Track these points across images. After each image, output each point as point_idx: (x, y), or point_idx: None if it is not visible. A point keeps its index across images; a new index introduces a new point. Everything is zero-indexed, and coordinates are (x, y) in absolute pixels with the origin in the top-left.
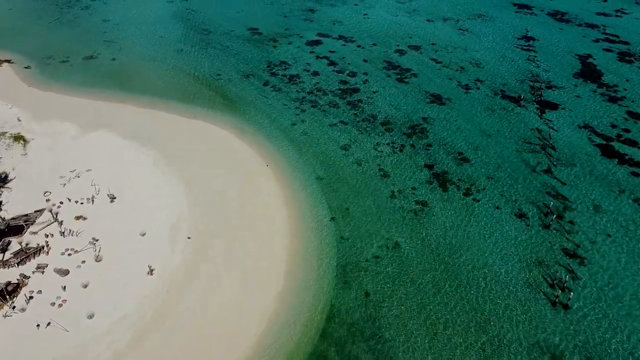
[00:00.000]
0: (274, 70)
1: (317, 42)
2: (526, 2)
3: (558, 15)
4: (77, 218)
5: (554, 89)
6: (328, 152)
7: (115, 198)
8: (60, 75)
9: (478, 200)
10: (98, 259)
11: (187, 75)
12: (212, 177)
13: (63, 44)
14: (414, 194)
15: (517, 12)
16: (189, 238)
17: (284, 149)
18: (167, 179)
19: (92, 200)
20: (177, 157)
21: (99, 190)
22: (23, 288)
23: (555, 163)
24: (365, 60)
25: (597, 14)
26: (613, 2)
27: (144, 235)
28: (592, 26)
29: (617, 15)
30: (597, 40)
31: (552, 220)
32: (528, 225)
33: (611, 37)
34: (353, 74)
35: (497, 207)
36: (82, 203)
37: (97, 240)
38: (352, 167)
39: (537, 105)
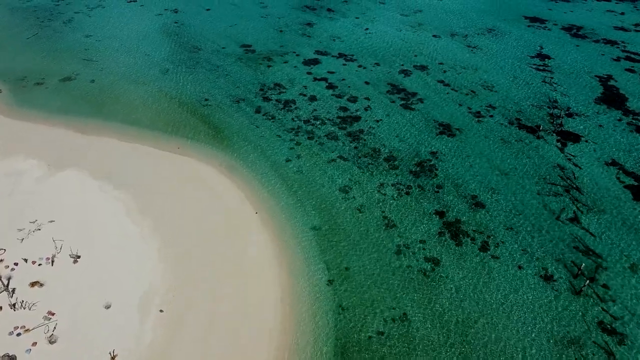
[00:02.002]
0: (267, 95)
1: (315, 61)
2: (539, 16)
3: (573, 30)
4: (33, 285)
5: (574, 116)
6: (325, 195)
7: (79, 257)
8: (32, 100)
9: (497, 257)
10: (52, 341)
11: (171, 101)
12: (192, 229)
13: (39, 63)
14: (423, 248)
15: (529, 26)
16: (161, 311)
17: (276, 191)
18: (140, 232)
19: (52, 261)
20: (154, 203)
21: (60, 248)
22: None
23: (581, 209)
24: (367, 83)
25: (615, 28)
26: (631, 15)
27: (108, 308)
28: (611, 42)
29: (636, 30)
30: (617, 59)
31: (584, 285)
32: (556, 291)
33: (632, 56)
34: (354, 99)
35: (520, 267)
36: (39, 264)
37: (53, 314)
38: (353, 214)
39: (557, 137)
